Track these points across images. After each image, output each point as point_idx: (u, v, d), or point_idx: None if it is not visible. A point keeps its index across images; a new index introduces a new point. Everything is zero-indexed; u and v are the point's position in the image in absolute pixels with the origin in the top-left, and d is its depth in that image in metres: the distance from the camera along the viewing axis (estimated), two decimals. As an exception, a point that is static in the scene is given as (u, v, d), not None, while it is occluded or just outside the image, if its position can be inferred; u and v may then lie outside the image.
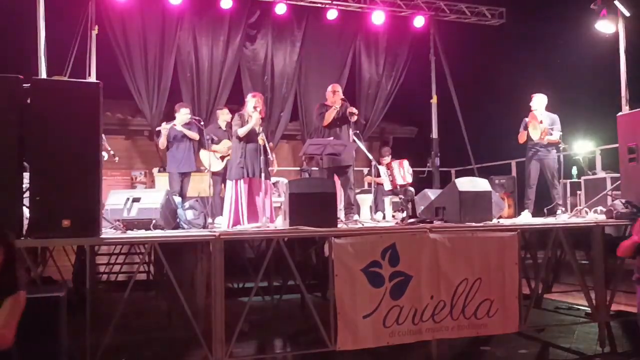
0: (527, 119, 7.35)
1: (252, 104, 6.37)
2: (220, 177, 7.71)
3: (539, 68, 16.69)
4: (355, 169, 7.21)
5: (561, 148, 7.35)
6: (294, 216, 5.28)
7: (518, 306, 5.27)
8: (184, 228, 5.99)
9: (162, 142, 7.50)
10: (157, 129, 7.63)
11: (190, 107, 8.18)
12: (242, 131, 6.29)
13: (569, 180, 10.55)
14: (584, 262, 6.69)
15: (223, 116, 8.07)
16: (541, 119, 7.19)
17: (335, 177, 6.79)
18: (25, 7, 7.73)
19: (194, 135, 7.59)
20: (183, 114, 7.56)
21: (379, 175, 7.91)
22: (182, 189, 7.49)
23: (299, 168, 9.90)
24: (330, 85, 7.30)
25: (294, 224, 5.21)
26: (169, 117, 7.88)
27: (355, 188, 7.30)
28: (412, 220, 6.17)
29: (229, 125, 7.46)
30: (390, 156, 9.01)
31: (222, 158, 7.76)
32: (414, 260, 4.99)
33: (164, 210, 5.61)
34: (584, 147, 14.34)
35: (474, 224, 5.53)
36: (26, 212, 4.30)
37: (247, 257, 8.00)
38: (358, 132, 7.20)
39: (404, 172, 8.15)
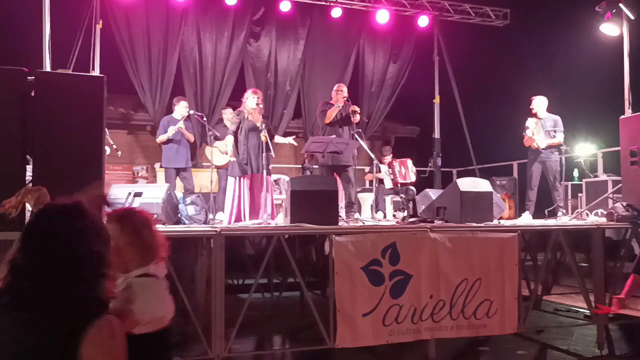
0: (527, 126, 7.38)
1: (255, 101, 6.35)
2: (225, 172, 7.73)
3: (542, 69, 16.68)
4: (357, 167, 7.22)
5: (563, 150, 7.36)
6: (295, 213, 5.29)
7: (517, 307, 5.27)
8: (185, 223, 6.00)
9: (163, 138, 7.51)
10: (168, 130, 7.59)
11: (189, 102, 8.17)
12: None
13: (570, 183, 10.56)
14: (583, 265, 6.70)
15: (227, 115, 8.11)
16: (531, 126, 7.23)
17: (336, 175, 6.80)
18: (31, 1, 7.73)
19: (190, 137, 7.71)
20: (182, 107, 7.61)
21: (380, 172, 7.93)
22: (186, 185, 7.51)
23: (300, 166, 9.90)
24: (337, 84, 7.35)
25: (295, 221, 5.22)
26: (172, 112, 7.89)
27: (356, 186, 7.30)
28: (412, 219, 6.18)
29: None
30: (391, 155, 9.02)
31: (226, 153, 7.79)
32: (414, 259, 4.99)
33: (165, 205, 5.62)
34: (585, 149, 14.35)
35: (474, 224, 5.54)
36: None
37: (247, 254, 8.00)
38: (360, 130, 7.21)
39: (406, 170, 8.15)
